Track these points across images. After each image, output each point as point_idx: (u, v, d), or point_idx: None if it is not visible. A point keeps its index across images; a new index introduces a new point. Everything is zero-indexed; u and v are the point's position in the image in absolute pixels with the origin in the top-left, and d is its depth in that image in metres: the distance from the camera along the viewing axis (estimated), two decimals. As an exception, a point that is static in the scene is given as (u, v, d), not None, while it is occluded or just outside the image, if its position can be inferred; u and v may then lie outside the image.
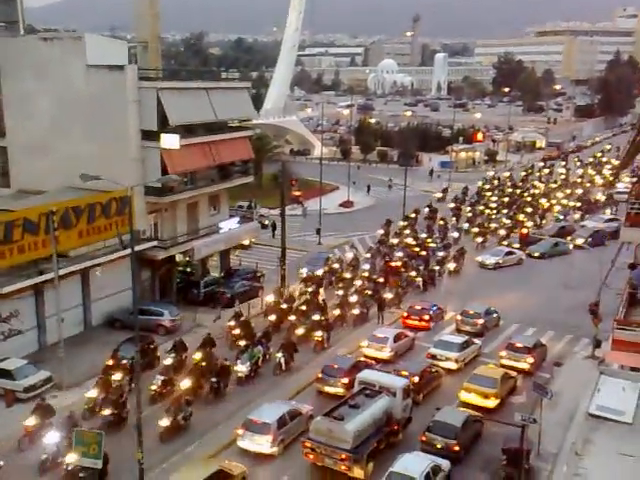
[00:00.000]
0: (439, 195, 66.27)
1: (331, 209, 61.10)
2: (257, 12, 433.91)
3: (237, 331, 31.27)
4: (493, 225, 56.35)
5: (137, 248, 27.92)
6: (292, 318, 33.68)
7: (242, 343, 29.63)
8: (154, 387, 25.78)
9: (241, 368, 27.88)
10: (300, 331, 32.16)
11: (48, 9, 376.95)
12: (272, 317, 33.95)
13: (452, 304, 38.16)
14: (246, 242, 44.10)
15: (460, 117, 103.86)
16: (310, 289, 37.67)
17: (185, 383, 25.24)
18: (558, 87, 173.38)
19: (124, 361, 26.85)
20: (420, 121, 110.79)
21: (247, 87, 43.39)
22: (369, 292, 37.67)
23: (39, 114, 34.90)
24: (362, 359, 29.41)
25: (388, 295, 37.64)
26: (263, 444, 22.43)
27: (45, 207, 28.05)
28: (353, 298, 36.14)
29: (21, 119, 35.60)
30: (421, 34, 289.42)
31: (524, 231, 53.62)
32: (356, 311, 35.16)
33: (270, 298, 35.91)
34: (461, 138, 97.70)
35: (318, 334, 31.71)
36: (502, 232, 53.56)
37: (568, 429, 23.11)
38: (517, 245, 51.03)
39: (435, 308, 36.11)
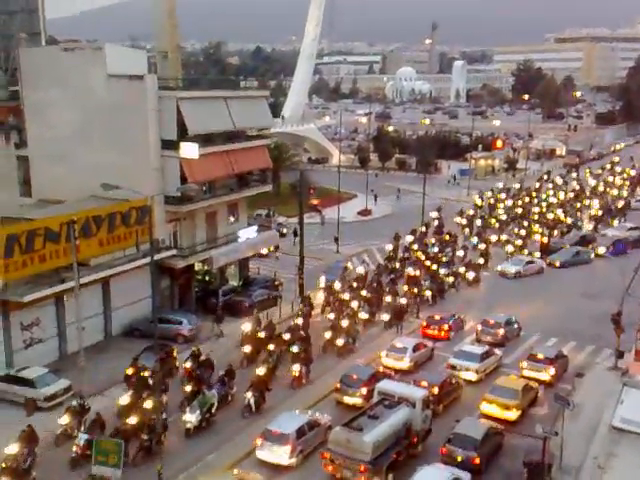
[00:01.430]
0: (435, 214, 60.04)
1: (349, 217, 61.02)
2: (275, 21, 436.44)
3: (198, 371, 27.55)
4: (504, 237, 54.61)
5: (156, 257, 28.07)
6: (271, 347, 30.10)
7: (188, 388, 25.88)
8: (75, 448, 21.75)
9: (189, 418, 24.00)
10: (261, 370, 27.37)
11: (70, 20, 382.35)
12: (247, 348, 30.49)
13: (472, 314, 37.83)
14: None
15: (479, 125, 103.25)
16: (300, 312, 35.13)
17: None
18: (578, 94, 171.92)
19: (146, 372, 26.70)
20: (439, 129, 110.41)
21: (265, 96, 43.61)
22: (365, 316, 35.83)
23: (60, 124, 35.30)
24: (381, 369, 29.23)
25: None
26: (282, 455, 22.31)
27: (66, 216, 28.26)
28: (344, 323, 33.31)
29: (43, 129, 36.05)
30: (439, 42, 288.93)
31: (545, 240, 53.12)
32: (340, 341, 31.88)
33: (247, 327, 32.40)
34: (480, 146, 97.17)
35: (295, 368, 28.57)
36: (509, 248, 51.46)
37: (591, 442, 22.72)
38: (538, 254, 50.52)
39: (455, 318, 35.83)
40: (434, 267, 44.90)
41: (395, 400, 23.60)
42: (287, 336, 31.42)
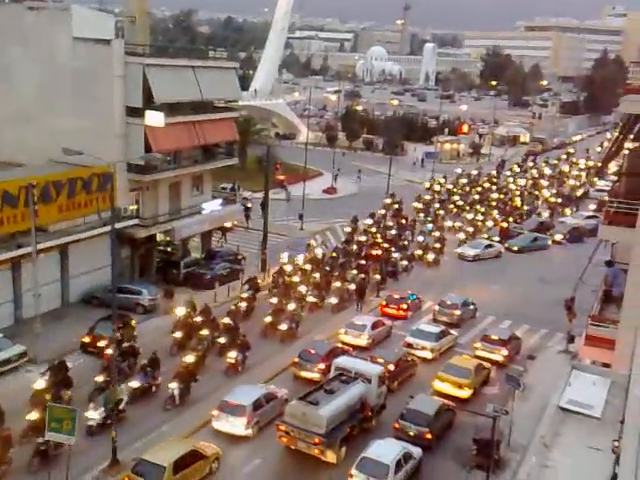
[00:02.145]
0: (389, 200, 57.93)
1: (315, 195, 60.99)
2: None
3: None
4: (457, 224, 53.96)
5: (117, 226, 27.73)
6: (205, 333, 28.43)
7: (99, 379, 23.45)
8: None
9: (92, 415, 21.47)
10: (189, 359, 25.51)
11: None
12: (177, 334, 28.45)
13: (430, 294, 38.45)
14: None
15: (446, 108, 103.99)
16: (245, 294, 33.67)
17: None
18: (545, 83, 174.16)
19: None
20: (406, 110, 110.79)
21: (235, 67, 43.08)
22: (313, 300, 34.85)
23: (22, 85, 34.34)
24: (339, 345, 29.57)
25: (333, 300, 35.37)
26: (238, 426, 22.53)
27: (25, 180, 27.64)
28: (291, 306, 32.41)
29: (3, 89, 34.97)
30: (411, 23, 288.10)
31: (504, 225, 54.07)
32: (283, 326, 30.77)
33: (180, 311, 30.11)
34: (446, 129, 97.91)
35: (232, 355, 27.15)
36: (461, 236, 50.76)
37: (538, 421, 23.41)
38: (497, 238, 51.40)
39: (413, 298, 36.37)
40: (391, 249, 44.16)
41: (352, 376, 23.98)
42: (226, 320, 29.84)
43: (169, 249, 39.39)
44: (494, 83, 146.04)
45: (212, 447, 21.19)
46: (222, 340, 28.44)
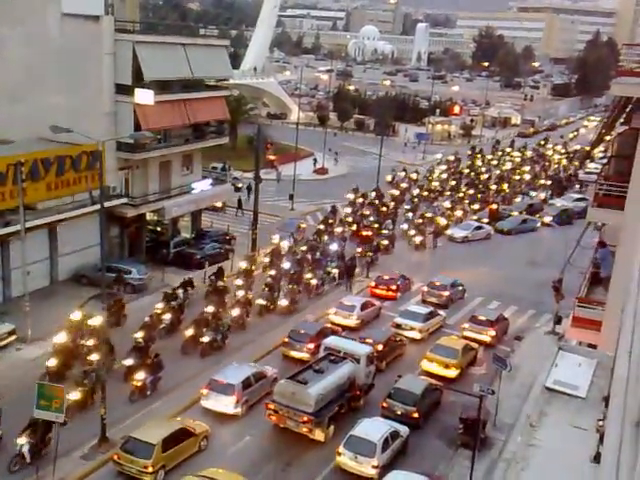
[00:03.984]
0: (351, 196, 52.27)
1: (305, 175, 60.81)
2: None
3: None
4: (429, 214, 50.33)
5: (106, 204, 27.57)
6: (95, 358, 22.08)
7: None
8: None
9: None
10: (74, 396, 20.92)
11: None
12: (51, 362, 22.65)
13: (420, 275, 38.62)
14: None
15: (438, 89, 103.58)
16: (159, 305, 28.76)
17: None
18: (537, 64, 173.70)
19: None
20: (398, 91, 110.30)
21: (225, 45, 42.75)
22: (261, 302, 31.25)
23: (10, 61, 33.87)
24: (329, 325, 29.73)
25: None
26: (227, 405, 22.71)
27: (13, 157, 27.45)
28: (235, 312, 29.44)
29: (-9, 66, 34.52)
30: (404, 2, 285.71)
31: (494, 207, 54.19)
32: (206, 338, 26.78)
33: (60, 337, 24.05)
34: (438, 110, 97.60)
35: (139, 377, 22.97)
36: (443, 221, 48.65)
37: (524, 401, 23.78)
38: (486, 220, 51.48)
39: (403, 279, 36.53)
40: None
41: (340, 356, 24.16)
42: (139, 334, 25.25)
43: (159, 229, 39.28)
44: (486, 64, 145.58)
45: (201, 425, 21.36)
46: (129, 362, 23.58)
